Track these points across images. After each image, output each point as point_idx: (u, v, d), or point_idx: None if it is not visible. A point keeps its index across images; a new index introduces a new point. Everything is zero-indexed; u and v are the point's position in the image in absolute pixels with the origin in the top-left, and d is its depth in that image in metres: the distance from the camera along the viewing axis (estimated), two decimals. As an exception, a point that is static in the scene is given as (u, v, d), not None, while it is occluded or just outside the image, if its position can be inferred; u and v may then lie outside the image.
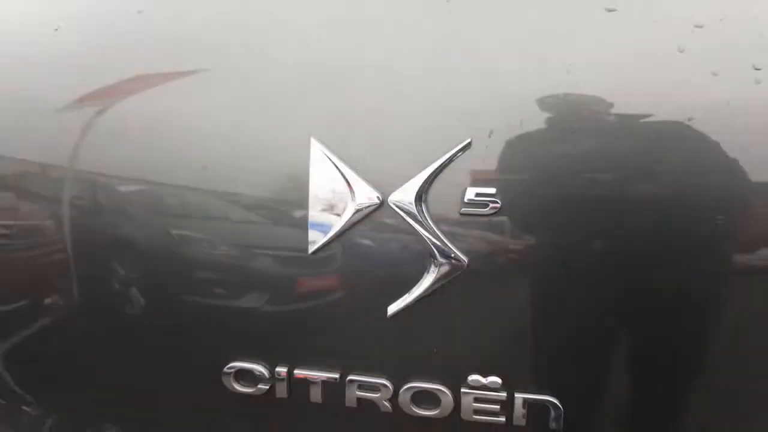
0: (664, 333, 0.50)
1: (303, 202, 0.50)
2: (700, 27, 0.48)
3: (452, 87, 0.51)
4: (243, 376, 0.53)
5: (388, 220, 0.49)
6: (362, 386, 0.51)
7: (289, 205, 0.50)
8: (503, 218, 0.47)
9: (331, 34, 0.54)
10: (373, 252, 0.50)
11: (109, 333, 0.60)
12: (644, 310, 0.49)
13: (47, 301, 0.59)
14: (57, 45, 0.61)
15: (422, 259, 0.48)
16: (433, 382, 0.51)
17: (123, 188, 0.55)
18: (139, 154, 0.56)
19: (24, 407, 0.65)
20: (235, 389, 0.54)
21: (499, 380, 0.49)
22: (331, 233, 0.49)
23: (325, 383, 0.51)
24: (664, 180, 0.46)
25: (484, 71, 0.51)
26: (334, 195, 0.49)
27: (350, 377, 0.51)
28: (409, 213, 0.49)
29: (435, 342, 0.51)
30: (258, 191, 0.52)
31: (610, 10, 0.49)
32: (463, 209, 0.49)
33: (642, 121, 0.47)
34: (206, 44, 0.58)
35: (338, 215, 0.49)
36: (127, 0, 0.61)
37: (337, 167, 0.49)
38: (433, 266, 0.48)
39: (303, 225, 0.49)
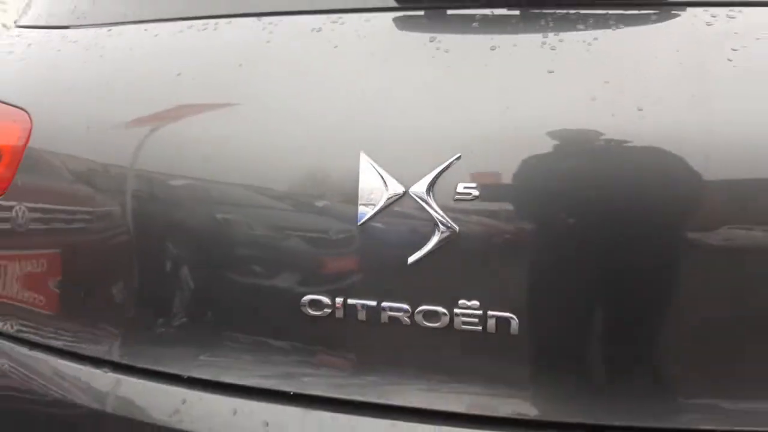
0: (584, 273, 0.77)
1: (354, 193, 0.76)
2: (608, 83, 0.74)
3: (448, 123, 0.78)
4: (314, 304, 0.79)
5: (409, 205, 0.75)
6: (392, 309, 0.77)
7: (344, 195, 0.76)
8: (480, 202, 0.73)
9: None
10: (398, 224, 0.75)
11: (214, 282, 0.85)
12: (567, 258, 0.75)
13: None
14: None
15: (430, 228, 0.74)
16: (436, 306, 0.76)
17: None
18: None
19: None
20: (309, 314, 0.79)
21: (477, 303, 0.75)
22: (372, 212, 0.75)
23: (368, 307, 0.77)
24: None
25: (467, 112, 0.76)
26: (374, 188, 0.75)
27: (383, 304, 0.76)
28: (422, 199, 0.75)
29: (437, 281, 0.77)
30: (325, 187, 0.78)
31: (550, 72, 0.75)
32: (456, 197, 0.75)
33: (558, 143, 0.74)
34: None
35: (375, 202, 0.76)
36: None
37: (377, 170, 0.75)
38: (437, 232, 0.74)
39: (355, 207, 0.76)
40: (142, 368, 0.86)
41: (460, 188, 0.75)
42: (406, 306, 0.76)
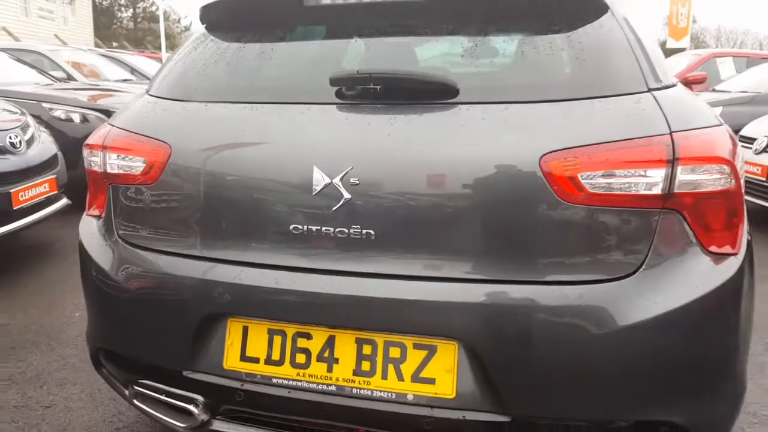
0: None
1: (311, 181, 1.47)
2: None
3: (347, 154, 1.41)
4: (296, 226, 1.56)
5: (332, 186, 1.36)
6: (326, 228, 1.41)
7: (307, 182, 1.51)
8: (360, 186, 1.36)
9: None
10: (328, 193, 1.38)
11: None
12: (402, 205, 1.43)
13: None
14: None
15: (340, 195, 1.36)
16: (342, 227, 1.41)
17: None
18: None
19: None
20: (291, 231, 1.51)
21: (359, 226, 1.39)
22: (318, 189, 1.39)
23: (314, 227, 1.41)
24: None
25: (354, 151, 1.44)
26: (318, 179, 1.39)
27: (323, 228, 1.43)
28: (337, 184, 1.36)
29: (343, 217, 1.40)
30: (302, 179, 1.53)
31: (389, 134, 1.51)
32: (351, 183, 1.36)
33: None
34: None
35: (318, 184, 1.38)
36: None
37: (320, 173, 1.41)
38: (343, 198, 1.37)
39: (310, 186, 1.46)
40: (212, 257, 1.55)
41: (352, 180, 1.39)
42: (330, 229, 1.41)
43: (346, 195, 1.41)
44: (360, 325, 1.43)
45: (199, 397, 1.57)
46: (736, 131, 5.77)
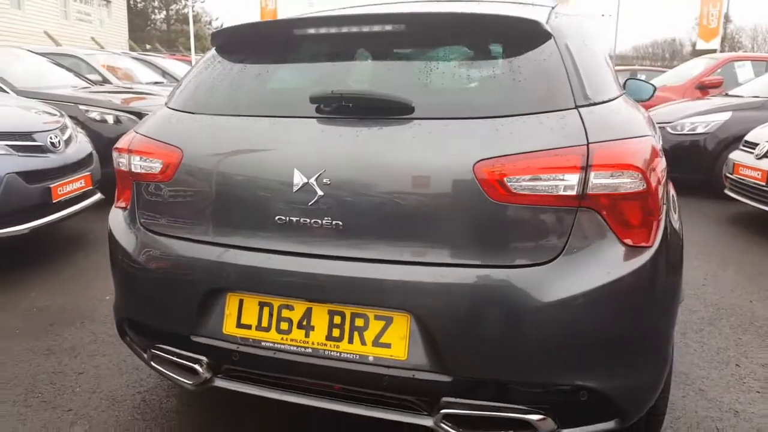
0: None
1: (291, 181, 1.78)
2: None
3: (321, 162, 1.70)
4: (282, 214, 1.76)
5: (308, 185, 1.67)
6: (303, 218, 1.73)
7: (288, 182, 1.80)
8: (332, 186, 1.67)
9: None
10: (305, 191, 1.68)
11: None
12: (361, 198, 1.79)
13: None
14: None
15: (314, 192, 1.67)
16: (314, 219, 1.71)
17: None
18: None
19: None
20: (276, 221, 1.77)
21: (330, 218, 1.69)
22: (297, 188, 1.73)
23: (293, 218, 1.73)
24: None
25: (327, 158, 1.81)
26: (298, 180, 1.70)
27: (301, 219, 1.74)
28: (312, 184, 1.66)
29: (316, 210, 1.70)
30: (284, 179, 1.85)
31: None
32: (323, 183, 1.67)
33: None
34: None
35: (298, 184, 1.70)
36: None
37: (300, 174, 1.71)
38: (317, 194, 1.66)
39: (291, 185, 1.79)
40: (215, 242, 1.86)
41: (325, 180, 1.67)
42: (307, 219, 1.70)
43: (320, 192, 1.72)
44: (331, 299, 1.74)
45: (203, 358, 1.90)
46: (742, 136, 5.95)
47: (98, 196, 4.82)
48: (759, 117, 6.49)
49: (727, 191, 5.80)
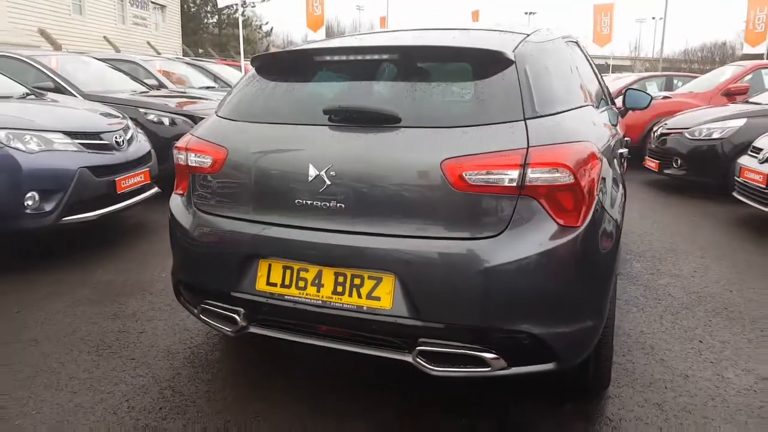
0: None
1: (307, 173, 2.33)
2: None
3: (328, 161, 2.27)
4: (301, 196, 2.40)
5: (320, 177, 2.20)
6: (316, 201, 2.30)
7: (304, 173, 2.35)
8: (337, 177, 2.20)
9: None
10: (317, 180, 2.24)
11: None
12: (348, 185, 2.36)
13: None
14: None
15: (323, 182, 2.20)
16: (323, 199, 2.25)
17: None
18: None
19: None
20: (295, 203, 2.32)
21: (332, 194, 2.27)
22: (311, 177, 2.29)
23: (304, 200, 2.29)
24: None
25: (334, 157, 2.37)
26: (312, 172, 2.26)
27: (313, 201, 2.31)
28: (323, 175, 2.19)
29: (325, 191, 2.21)
30: (301, 172, 2.45)
31: None
32: (330, 175, 2.19)
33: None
34: None
35: (313, 176, 2.27)
36: None
37: (314, 168, 2.27)
38: (325, 183, 2.20)
39: (307, 176, 2.37)
40: (250, 219, 2.37)
41: (331, 173, 2.18)
42: (318, 202, 2.21)
43: (328, 182, 2.24)
44: (336, 263, 2.29)
45: (241, 310, 2.47)
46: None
47: (155, 189, 5.47)
48: (770, 124, 6.78)
49: (734, 194, 6.14)
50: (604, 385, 2.67)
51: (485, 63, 2.32)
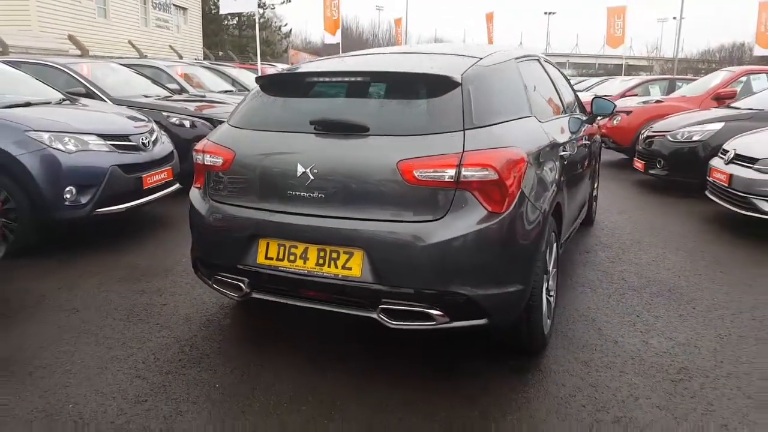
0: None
1: (296, 169, 3.07)
2: None
3: (312, 161, 2.88)
4: (292, 189, 3.08)
5: (305, 173, 2.82)
6: (305, 194, 2.95)
7: (293, 169, 3.06)
8: (319, 173, 2.81)
9: None
10: (302, 177, 2.91)
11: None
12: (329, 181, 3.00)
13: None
14: None
15: (308, 177, 2.82)
16: (309, 193, 2.91)
17: None
18: None
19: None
20: (287, 194, 3.05)
21: (316, 192, 2.91)
22: (299, 173, 3.00)
23: (296, 191, 2.94)
24: None
25: (318, 158, 3.00)
26: (299, 170, 3.02)
27: (302, 192, 3.04)
28: (307, 172, 2.80)
29: (310, 185, 2.86)
30: (291, 168, 3.13)
31: None
32: (312, 172, 2.80)
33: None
34: None
35: (300, 172, 2.95)
36: None
37: (301, 166, 2.99)
38: (309, 177, 2.82)
39: (295, 172, 3.08)
40: (253, 207, 2.98)
41: (314, 171, 2.78)
42: (304, 193, 2.82)
43: (311, 177, 2.85)
44: (318, 241, 2.91)
45: (245, 279, 3.11)
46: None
47: (177, 185, 6.11)
48: (748, 127, 7.27)
49: (706, 192, 6.70)
50: (539, 346, 3.28)
51: (438, 85, 2.94)
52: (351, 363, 3.22)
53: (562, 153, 3.57)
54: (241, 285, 3.07)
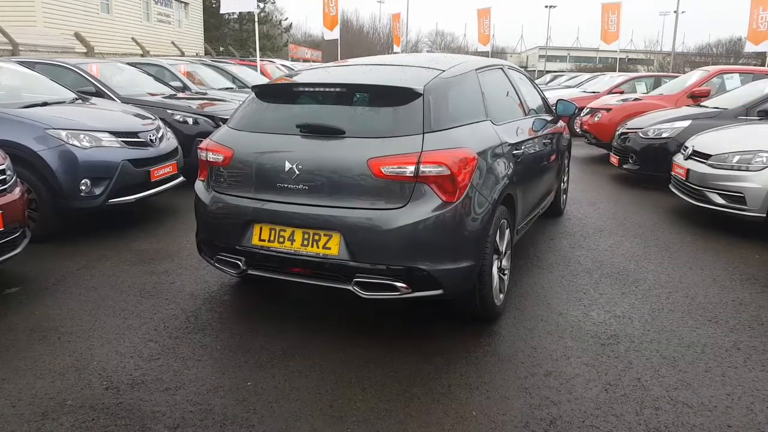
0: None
1: (283, 166, 3.66)
2: None
3: (299, 158, 3.45)
4: (283, 180, 3.70)
5: (292, 168, 3.38)
6: (294, 184, 3.64)
7: (282, 165, 3.67)
8: (305, 168, 3.43)
9: None
10: (292, 170, 3.66)
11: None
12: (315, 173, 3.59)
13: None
14: None
15: (297, 170, 3.47)
16: (299, 184, 3.48)
17: None
18: None
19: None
20: (281, 186, 3.67)
21: (304, 185, 3.54)
22: (287, 168, 3.62)
23: (288, 184, 3.57)
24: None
25: (304, 156, 3.62)
26: (287, 166, 3.62)
27: (292, 183, 3.66)
28: (293, 167, 3.39)
29: (297, 177, 3.46)
30: (281, 163, 3.72)
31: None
32: (298, 168, 3.40)
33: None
34: None
35: (288, 167, 3.62)
36: None
37: (289, 163, 3.60)
38: (296, 170, 3.34)
39: (283, 167, 3.68)
40: (249, 196, 3.51)
41: (300, 166, 3.31)
42: (291, 185, 3.34)
43: (297, 172, 3.40)
44: (303, 225, 3.47)
45: (242, 258, 3.68)
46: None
47: (181, 179, 6.63)
48: (712, 125, 7.82)
49: (670, 186, 7.26)
50: (492, 315, 3.86)
51: (403, 95, 3.51)
52: (333, 331, 3.79)
53: (515, 151, 4.15)
54: (239, 263, 3.64)
